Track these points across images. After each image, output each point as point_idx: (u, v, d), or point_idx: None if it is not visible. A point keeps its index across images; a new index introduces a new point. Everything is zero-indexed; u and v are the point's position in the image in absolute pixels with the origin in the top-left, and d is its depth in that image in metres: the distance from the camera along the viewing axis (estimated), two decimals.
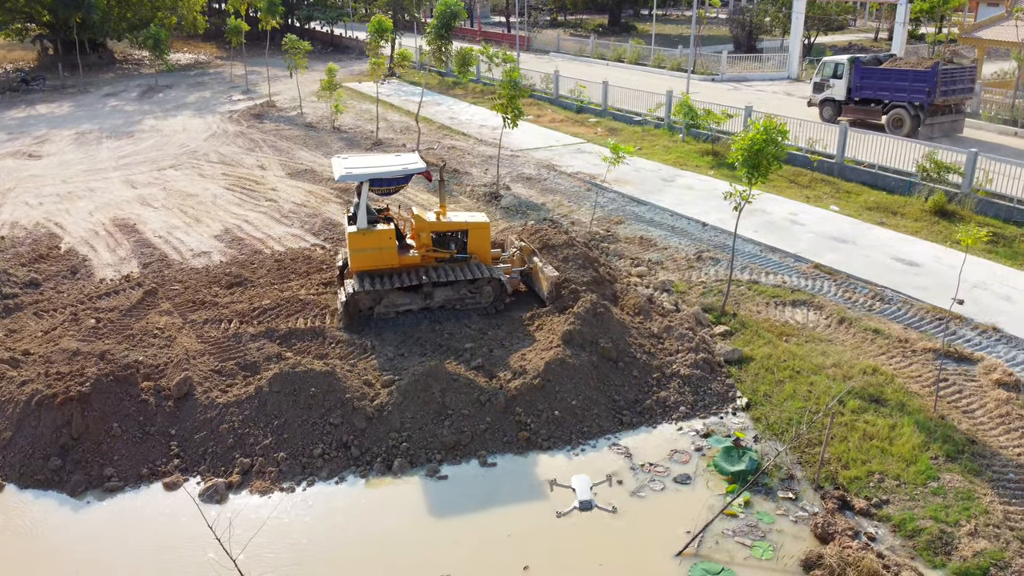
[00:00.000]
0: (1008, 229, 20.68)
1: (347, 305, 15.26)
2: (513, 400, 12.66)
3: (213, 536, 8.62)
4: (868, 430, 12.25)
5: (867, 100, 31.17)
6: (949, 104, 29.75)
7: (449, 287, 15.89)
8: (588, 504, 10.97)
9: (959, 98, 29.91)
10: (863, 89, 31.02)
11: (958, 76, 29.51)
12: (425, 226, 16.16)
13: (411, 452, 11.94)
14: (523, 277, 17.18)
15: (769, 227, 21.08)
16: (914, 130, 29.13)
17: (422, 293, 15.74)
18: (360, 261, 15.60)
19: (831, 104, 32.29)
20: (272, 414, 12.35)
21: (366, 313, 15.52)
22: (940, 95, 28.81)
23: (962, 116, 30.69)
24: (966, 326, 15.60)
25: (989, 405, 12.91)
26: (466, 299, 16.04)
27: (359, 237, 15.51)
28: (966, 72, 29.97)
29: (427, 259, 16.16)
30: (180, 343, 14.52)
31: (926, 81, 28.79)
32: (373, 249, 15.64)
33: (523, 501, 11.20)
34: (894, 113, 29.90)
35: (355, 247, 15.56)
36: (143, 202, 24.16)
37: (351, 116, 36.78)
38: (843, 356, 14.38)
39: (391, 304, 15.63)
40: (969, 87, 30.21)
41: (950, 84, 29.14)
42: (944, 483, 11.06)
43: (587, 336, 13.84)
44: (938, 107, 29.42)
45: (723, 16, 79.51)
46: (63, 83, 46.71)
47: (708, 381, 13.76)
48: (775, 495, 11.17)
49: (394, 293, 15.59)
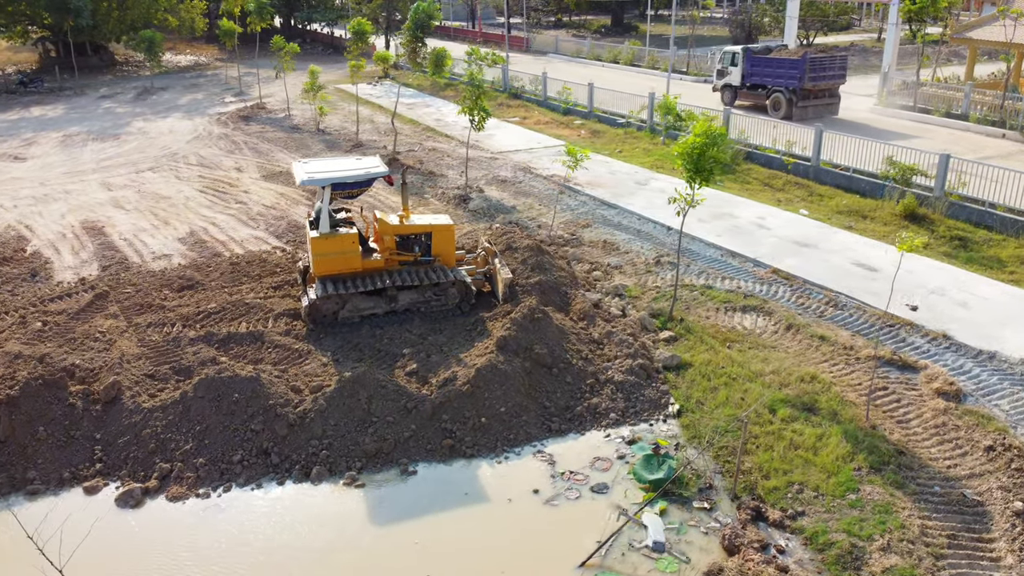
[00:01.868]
0: (978, 233, 20.33)
1: (310, 310, 15.26)
2: (441, 407, 12.56)
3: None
4: (795, 439, 12.05)
5: (756, 86, 34.39)
6: (822, 89, 32.90)
7: (414, 290, 15.88)
8: (661, 546, 10.25)
9: (830, 83, 32.99)
10: (753, 76, 34.33)
11: (828, 63, 32.74)
12: (388, 229, 16.12)
13: (331, 460, 11.88)
14: (487, 278, 17.15)
15: (734, 231, 20.85)
16: (789, 112, 32.40)
17: (386, 297, 15.72)
18: (323, 266, 15.56)
19: (729, 89, 35.60)
20: (195, 420, 12.33)
21: (330, 318, 15.50)
22: (810, 80, 32.04)
23: (836, 100, 33.61)
24: (916, 333, 15.33)
25: (926, 415, 12.67)
26: (431, 302, 16.02)
27: (322, 242, 15.48)
28: (836, 60, 33.22)
29: (391, 263, 16.12)
30: (119, 346, 14.56)
31: (797, 68, 32.07)
32: (336, 253, 15.61)
33: (436, 510, 11.10)
34: (774, 97, 33.31)
35: (318, 252, 15.53)
36: (116, 204, 24.30)
37: (339, 118, 36.83)
38: (784, 363, 14.18)
39: (355, 308, 15.62)
40: (840, 73, 33.15)
41: (819, 71, 32.26)
42: (863, 495, 10.85)
43: (522, 342, 13.72)
44: (810, 91, 32.59)
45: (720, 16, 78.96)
46: (60, 85, 47.15)
47: (642, 387, 13.60)
48: (691, 505, 11.02)
49: (358, 297, 15.57)
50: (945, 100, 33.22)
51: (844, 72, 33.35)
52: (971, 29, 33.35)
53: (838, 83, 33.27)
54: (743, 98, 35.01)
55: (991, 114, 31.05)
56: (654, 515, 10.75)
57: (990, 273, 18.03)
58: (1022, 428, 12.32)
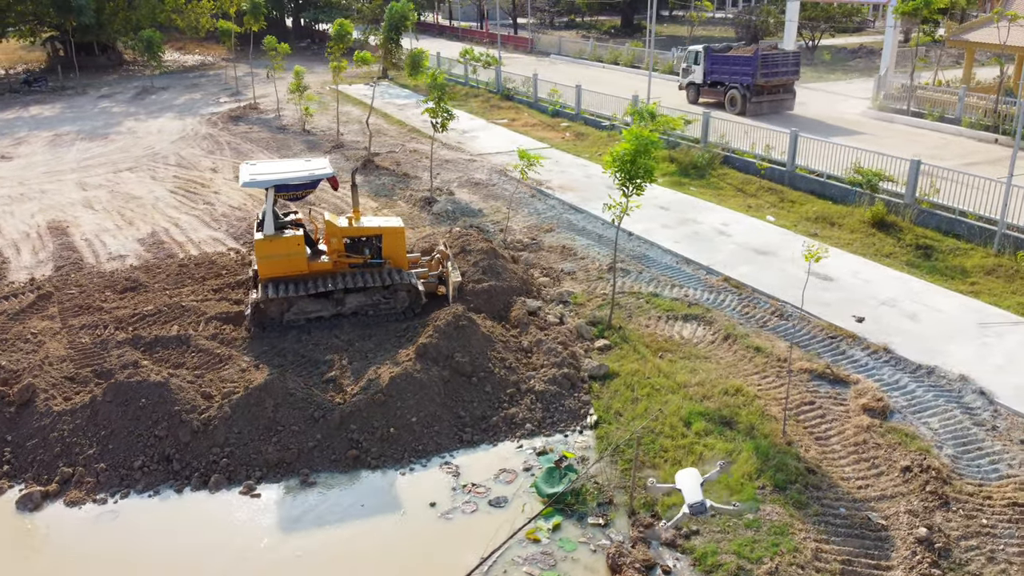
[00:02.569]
0: (946, 242, 19.76)
1: (254, 312, 15.19)
2: (350, 416, 12.38)
3: None
4: (705, 454, 11.72)
5: (716, 83, 35.76)
6: (775, 85, 34.31)
7: (362, 293, 15.75)
8: (701, 506, 9.21)
9: (783, 80, 34.43)
10: (713, 73, 35.81)
11: (780, 61, 34.18)
12: (336, 231, 15.99)
13: (231, 468, 11.74)
14: (441, 281, 16.98)
15: (693, 238, 20.47)
16: (744, 108, 34.02)
17: (334, 300, 15.60)
18: (268, 268, 15.46)
19: (693, 87, 37.05)
20: (101, 424, 12.26)
21: (276, 320, 15.41)
22: (762, 77, 33.49)
23: (791, 95, 35.11)
24: (858, 346, 14.89)
25: (847, 432, 12.26)
26: (380, 305, 15.88)
27: (266, 244, 15.38)
28: (789, 57, 34.67)
29: (340, 265, 15.99)
30: (47, 348, 14.56)
31: (751, 65, 33.56)
32: (281, 256, 15.49)
33: (327, 521, 10.92)
34: (730, 93, 34.82)
35: (262, 254, 15.44)
36: (86, 204, 24.43)
37: (328, 118, 36.77)
38: (711, 374, 13.83)
39: (301, 311, 15.52)
40: (794, 70, 34.53)
41: (771, 68, 33.72)
42: (762, 515, 10.50)
43: (443, 350, 13.51)
44: (763, 87, 34.04)
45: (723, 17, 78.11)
46: (63, 84, 47.70)
47: (563, 397, 13.33)
48: (587, 521, 10.74)
49: (304, 300, 15.47)
50: (939, 104, 32.47)
51: (797, 69, 34.78)
52: (968, 31, 32.56)
53: (792, 79, 34.79)
54: (705, 95, 36.52)
55: (984, 119, 30.27)
56: (686, 471, 9.74)
57: (950, 284, 17.50)
58: (948, 448, 11.88)
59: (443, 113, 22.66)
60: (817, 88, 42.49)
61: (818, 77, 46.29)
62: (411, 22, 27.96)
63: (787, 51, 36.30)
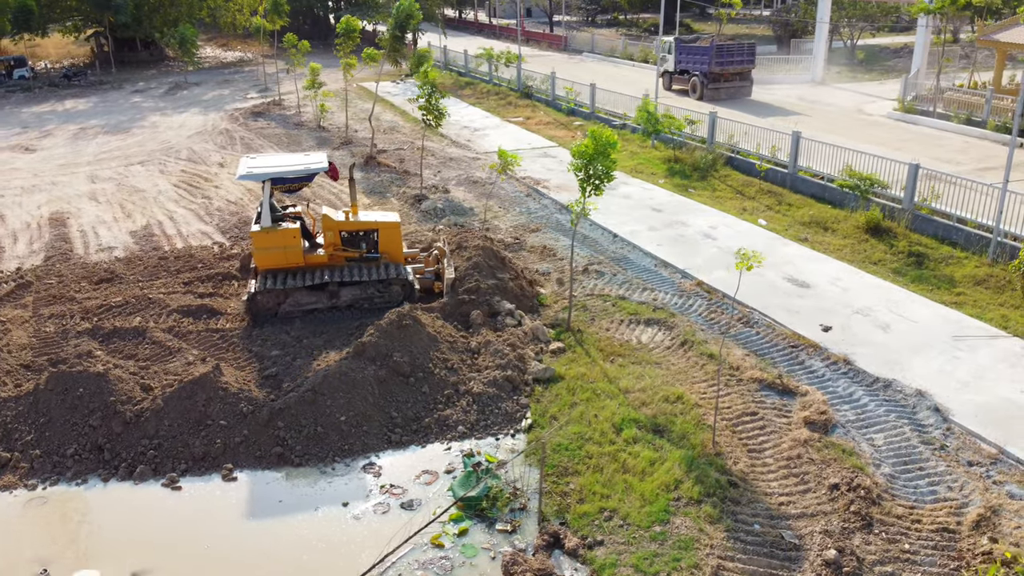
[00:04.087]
0: (940, 249, 18.95)
1: (249, 303, 15.49)
2: (279, 413, 12.40)
3: None
4: (629, 462, 11.43)
5: (684, 71, 39.20)
6: (732, 73, 37.87)
7: (356, 286, 16.00)
8: None
9: (740, 68, 37.93)
10: (681, 62, 39.23)
11: (735, 51, 37.95)
12: (332, 225, 16.21)
13: (157, 460, 11.87)
14: (437, 277, 17.11)
15: (678, 240, 20.03)
16: (702, 93, 37.66)
17: (328, 292, 15.84)
18: (264, 260, 15.79)
19: (667, 75, 40.46)
20: (41, 411, 12.51)
21: (272, 311, 15.66)
22: (717, 65, 37.22)
23: (748, 83, 38.59)
24: (818, 356, 14.36)
25: (783, 445, 11.82)
26: (374, 298, 16.07)
27: (263, 236, 15.68)
28: (744, 48, 38.33)
29: (336, 258, 16.20)
30: (11, 336, 14.96)
31: (707, 54, 37.24)
32: (277, 248, 15.79)
33: (242, 517, 10.96)
34: (692, 80, 38.46)
35: (259, 246, 15.76)
36: (91, 197, 25.07)
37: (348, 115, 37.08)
38: (657, 381, 13.48)
39: (296, 303, 15.78)
40: (749, 59, 38.09)
41: (726, 57, 37.42)
42: (671, 528, 10.18)
43: (382, 349, 13.45)
44: (720, 75, 37.67)
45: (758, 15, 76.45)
46: (101, 79, 49.12)
47: (502, 400, 13.15)
48: (496, 527, 10.56)
49: (300, 292, 15.73)
50: (967, 106, 31.20)
51: (752, 58, 38.36)
52: (999, 31, 31.18)
53: (748, 68, 38.28)
54: (676, 82, 40.14)
55: (1011, 121, 28.94)
56: None
57: (934, 294, 16.77)
58: (886, 466, 11.37)
59: (435, 111, 22.59)
60: (847, 88, 41.32)
61: (852, 77, 44.98)
62: (416, 20, 27.82)
63: (742, 43, 39.92)
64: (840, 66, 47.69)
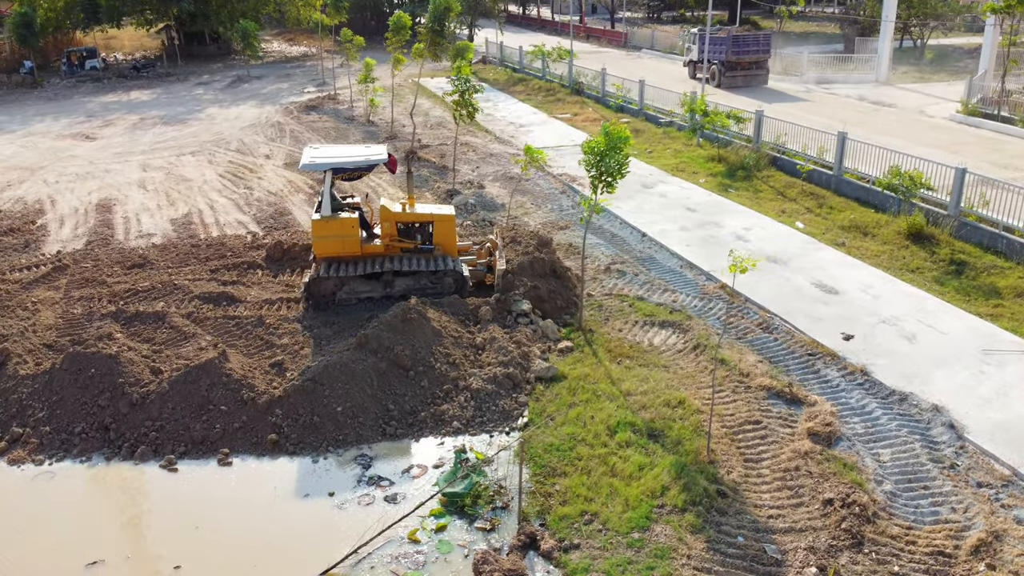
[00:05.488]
0: (984, 259, 18.00)
1: (308, 289, 15.94)
2: (277, 401, 12.57)
3: None
4: (618, 466, 11.19)
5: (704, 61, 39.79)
6: (748, 62, 40.29)
7: (410, 277, 16.28)
8: None
9: (755, 57, 40.36)
10: (703, 52, 38.76)
11: (751, 41, 40.24)
12: (389, 216, 16.49)
13: (158, 442, 12.16)
14: (489, 270, 17.25)
15: (708, 242, 19.55)
16: (720, 81, 40.10)
17: (383, 281, 16.13)
18: (322, 248, 16.17)
19: (692, 64, 42.75)
20: (55, 390, 12.97)
21: (328, 298, 16.03)
22: (733, 55, 39.77)
23: (764, 72, 40.96)
24: (834, 365, 13.82)
25: (782, 456, 11.40)
26: (427, 289, 16.30)
27: (322, 224, 16.05)
28: (759, 38, 40.76)
29: (391, 249, 16.49)
30: (40, 317, 15.56)
31: (724, 44, 39.69)
32: (335, 237, 16.15)
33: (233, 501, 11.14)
34: (711, 68, 40.05)
35: (318, 234, 16.14)
36: (140, 184, 25.91)
37: (399, 110, 37.42)
38: (661, 384, 13.18)
39: (353, 291, 16.13)
40: (765, 49, 40.56)
41: (742, 47, 39.91)
42: (650, 535, 9.92)
43: (384, 341, 13.49)
44: (736, 64, 40.16)
45: (823, 12, 74.00)
46: (168, 71, 50.76)
47: (500, 398, 13.05)
48: (475, 524, 10.48)
49: (356, 280, 16.06)
50: None
51: (768, 49, 40.84)
52: None
53: (763, 57, 40.69)
54: (699, 71, 40.68)
55: None
56: None
57: (970, 304, 15.96)
58: (888, 483, 10.85)
59: (468, 106, 22.61)
60: (913, 89, 39.76)
61: (919, 77, 43.24)
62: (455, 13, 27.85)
63: (757, 34, 41.97)
64: (908, 66, 45.93)
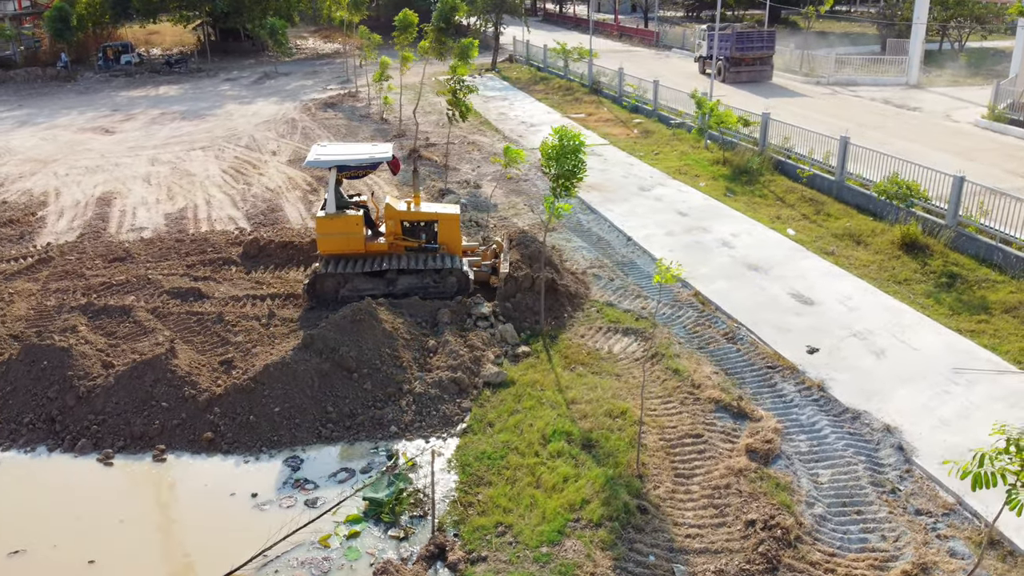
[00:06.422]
0: (979, 271, 17.25)
1: (311, 285, 16.07)
2: (217, 399, 12.61)
3: None
4: (544, 476, 10.95)
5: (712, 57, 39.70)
6: (752, 58, 40.99)
7: (413, 275, 16.28)
8: None
9: (759, 54, 41.07)
10: (711, 48, 39.85)
11: (755, 38, 41.20)
12: (394, 215, 16.56)
13: (99, 435, 12.30)
14: (493, 271, 17.18)
15: (691, 247, 19.10)
16: (725, 76, 40.61)
17: (386, 279, 16.19)
18: (327, 245, 16.28)
19: (701, 60, 44.11)
20: (10, 380, 13.20)
21: (331, 295, 16.11)
22: (737, 51, 40.64)
23: (768, 68, 41.59)
24: (792, 379, 13.35)
25: (715, 473, 11.04)
26: (429, 288, 16.30)
27: (326, 221, 16.16)
28: (764, 35, 41.55)
29: (396, 247, 16.53)
30: (12, 308, 15.87)
31: (729, 40, 40.52)
32: (339, 234, 16.24)
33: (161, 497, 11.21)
34: (718, 64, 40.12)
35: (322, 231, 16.25)
36: (145, 179, 26.34)
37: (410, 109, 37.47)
38: (608, 393, 12.87)
39: (355, 288, 16.15)
40: (769, 46, 41.18)
41: (746, 43, 40.79)
42: (560, 550, 9.67)
43: (330, 342, 13.43)
44: (740, 59, 40.92)
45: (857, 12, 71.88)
46: (199, 67, 51.64)
47: (443, 402, 12.90)
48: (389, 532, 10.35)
49: (359, 277, 16.13)
50: None
51: (772, 45, 41.35)
52: None
53: (767, 54, 41.29)
54: (707, 67, 42.25)
55: None
56: None
57: (952, 319, 15.30)
58: (819, 506, 10.42)
59: (461, 106, 22.50)
60: (942, 92, 38.44)
61: (952, 80, 41.77)
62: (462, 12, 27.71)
63: (762, 30, 42.76)
64: (941, 68, 44.44)
